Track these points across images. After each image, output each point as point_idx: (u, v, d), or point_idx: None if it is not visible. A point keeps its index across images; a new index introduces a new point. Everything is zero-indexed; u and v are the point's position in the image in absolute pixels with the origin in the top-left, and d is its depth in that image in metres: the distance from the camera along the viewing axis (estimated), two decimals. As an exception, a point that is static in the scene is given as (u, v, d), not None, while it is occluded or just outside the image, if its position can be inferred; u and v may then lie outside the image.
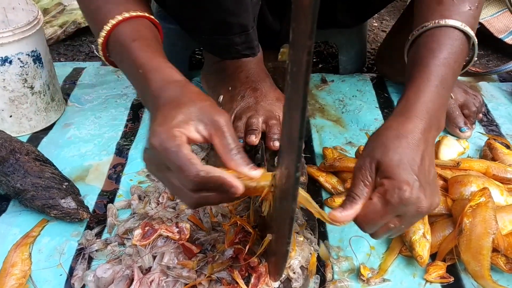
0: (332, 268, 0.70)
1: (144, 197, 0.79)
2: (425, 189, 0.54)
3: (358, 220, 0.55)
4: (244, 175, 0.50)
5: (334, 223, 0.53)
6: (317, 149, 0.94)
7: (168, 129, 0.51)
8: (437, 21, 0.65)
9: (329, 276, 0.69)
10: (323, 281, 0.68)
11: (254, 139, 0.76)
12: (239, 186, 0.49)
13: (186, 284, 0.59)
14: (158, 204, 0.76)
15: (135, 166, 0.89)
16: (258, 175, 0.51)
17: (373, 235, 0.58)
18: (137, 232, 0.65)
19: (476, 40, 0.67)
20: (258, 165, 0.74)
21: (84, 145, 0.94)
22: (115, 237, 0.73)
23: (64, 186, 0.77)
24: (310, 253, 0.64)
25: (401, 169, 0.53)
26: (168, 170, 0.51)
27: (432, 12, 0.66)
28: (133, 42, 0.62)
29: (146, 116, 1.03)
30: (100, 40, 0.65)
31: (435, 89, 0.61)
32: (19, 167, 0.77)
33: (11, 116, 0.93)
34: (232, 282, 0.58)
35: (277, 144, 0.76)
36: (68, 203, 0.75)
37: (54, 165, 0.82)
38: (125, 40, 0.63)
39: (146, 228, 0.65)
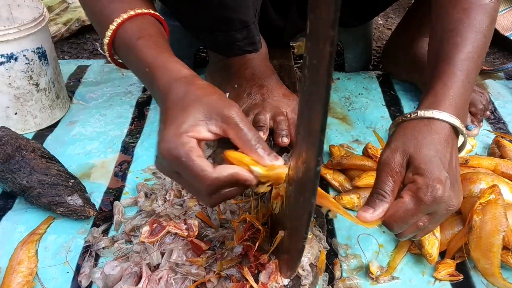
0: (341, 266, 0.69)
1: (151, 194, 0.79)
2: (454, 186, 0.54)
3: (387, 219, 0.53)
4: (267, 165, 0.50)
5: (362, 224, 0.52)
6: (324, 147, 0.93)
7: (176, 136, 0.50)
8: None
9: (337, 273, 0.68)
10: (331, 279, 0.67)
11: (262, 136, 0.75)
12: (252, 179, 0.49)
13: (194, 281, 0.59)
14: (165, 202, 0.75)
15: (141, 163, 0.88)
16: (281, 164, 0.50)
17: (399, 235, 0.57)
18: (145, 229, 0.65)
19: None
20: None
21: (89, 142, 0.94)
22: (122, 235, 0.73)
23: (70, 183, 0.77)
24: (319, 251, 0.64)
25: (435, 166, 0.52)
26: (181, 176, 0.51)
27: (454, 5, 0.66)
28: (138, 40, 0.61)
29: (151, 114, 1.02)
30: (106, 40, 0.64)
31: (461, 83, 0.60)
32: (25, 164, 0.77)
33: (16, 114, 0.93)
34: (242, 279, 0.57)
35: (285, 140, 0.75)
36: (75, 200, 0.75)
37: (60, 162, 0.81)
38: (131, 39, 0.62)
39: (154, 225, 0.65)
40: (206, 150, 0.85)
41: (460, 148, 0.62)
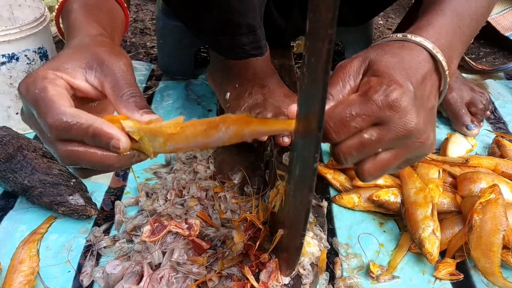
0: (341, 265, 0.69)
1: (152, 194, 0.79)
2: (419, 111, 0.44)
3: (326, 126, 0.41)
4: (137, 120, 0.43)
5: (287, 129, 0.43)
6: (324, 146, 0.94)
7: (41, 71, 0.44)
8: None
9: (338, 273, 0.68)
10: (332, 278, 0.67)
11: (264, 137, 0.76)
12: (121, 137, 0.41)
13: (196, 280, 0.59)
14: (166, 201, 0.75)
15: (142, 163, 0.88)
16: (156, 118, 0.43)
17: (338, 148, 0.43)
18: (146, 229, 0.65)
19: None
20: (267, 162, 0.74)
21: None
22: (123, 234, 0.73)
23: (71, 183, 0.77)
24: (320, 250, 0.64)
25: (396, 71, 0.44)
26: (34, 117, 0.44)
27: None
28: (74, 6, 0.58)
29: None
30: (53, 14, 0.63)
31: (450, 21, 0.52)
32: (26, 163, 0.77)
33: (17, 113, 0.93)
34: (243, 278, 0.57)
35: (286, 140, 0.75)
36: (76, 199, 0.75)
37: (61, 162, 0.82)
38: (69, 6, 0.59)
39: (155, 224, 0.65)
40: (208, 151, 0.85)
41: (441, 94, 0.52)
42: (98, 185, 0.84)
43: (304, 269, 0.60)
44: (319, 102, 0.33)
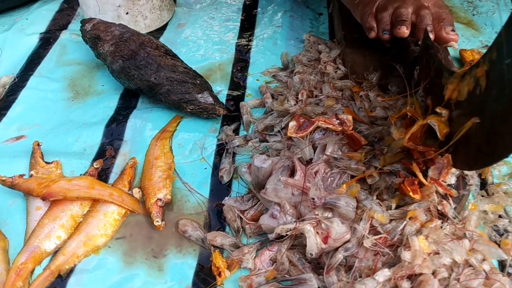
0: (492, 172, 0.64)
1: (279, 95, 0.75)
2: None
3: None
4: None
5: None
6: (452, 52, 0.86)
7: None
8: None
9: (489, 179, 0.64)
10: (483, 184, 0.63)
11: (406, 30, 0.68)
12: None
13: (352, 176, 0.56)
14: (297, 102, 0.71)
15: (259, 66, 0.84)
16: None
17: None
18: (292, 124, 0.62)
19: None
20: (415, 58, 0.67)
21: (202, 45, 0.90)
22: (255, 134, 0.70)
23: (198, 81, 0.74)
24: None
25: None
26: None
27: None
28: None
29: (260, 17, 0.96)
30: None
31: None
32: (151, 60, 0.74)
33: (127, 13, 0.89)
34: (408, 175, 0.54)
35: (432, 36, 0.68)
36: (205, 98, 0.72)
37: (183, 61, 0.78)
38: None
39: (301, 120, 0.61)
40: (333, 50, 0.80)
41: None
42: (217, 88, 0.80)
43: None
44: None
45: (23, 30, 0.92)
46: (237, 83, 0.82)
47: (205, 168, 0.68)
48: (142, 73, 0.74)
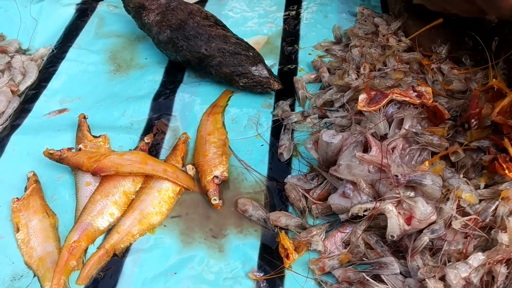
0: None
1: (336, 69, 0.71)
2: None
3: None
4: None
5: None
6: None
7: None
8: None
9: None
10: None
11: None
12: None
13: (433, 154, 0.51)
14: (358, 76, 0.67)
15: (310, 40, 0.80)
16: None
17: None
18: (362, 97, 0.57)
19: None
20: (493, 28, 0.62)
21: (248, 18, 0.85)
22: (313, 109, 0.66)
23: (251, 54, 0.69)
24: None
25: None
26: None
27: None
28: None
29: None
30: None
31: None
32: (201, 31, 0.69)
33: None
34: (498, 152, 0.49)
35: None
36: (260, 71, 0.68)
37: (233, 32, 0.74)
38: None
39: (373, 92, 0.56)
40: (394, 23, 0.74)
41: None
42: (268, 61, 0.75)
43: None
44: None
45: (59, 0, 0.88)
46: (288, 57, 0.77)
47: (262, 145, 0.63)
48: (192, 44, 0.69)
